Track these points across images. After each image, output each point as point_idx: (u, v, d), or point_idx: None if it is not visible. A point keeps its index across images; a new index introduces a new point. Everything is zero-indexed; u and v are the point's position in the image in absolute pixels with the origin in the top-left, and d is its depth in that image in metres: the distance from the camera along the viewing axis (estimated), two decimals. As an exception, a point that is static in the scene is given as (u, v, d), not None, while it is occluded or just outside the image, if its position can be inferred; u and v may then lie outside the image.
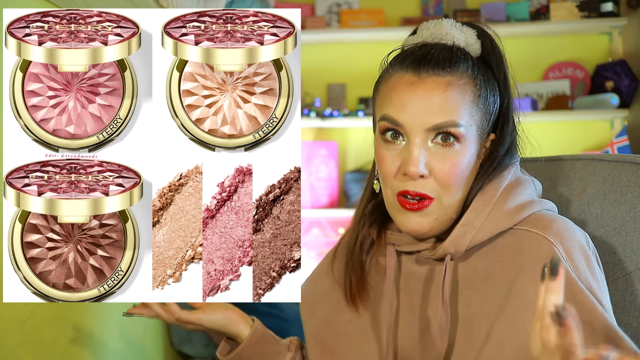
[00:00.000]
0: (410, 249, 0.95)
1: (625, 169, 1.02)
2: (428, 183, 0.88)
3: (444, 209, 0.90)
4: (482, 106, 0.91)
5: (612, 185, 1.02)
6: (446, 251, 0.90)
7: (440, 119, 0.87)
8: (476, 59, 0.93)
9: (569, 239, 0.88)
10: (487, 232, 0.90)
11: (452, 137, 0.88)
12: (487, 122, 0.92)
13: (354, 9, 3.23)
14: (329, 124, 3.17)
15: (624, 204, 1.00)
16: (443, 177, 0.88)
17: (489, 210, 0.90)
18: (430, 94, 0.88)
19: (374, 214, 1.00)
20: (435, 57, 0.90)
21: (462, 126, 0.88)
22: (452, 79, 0.89)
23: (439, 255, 0.91)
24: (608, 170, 1.04)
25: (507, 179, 0.92)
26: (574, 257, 0.87)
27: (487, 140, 0.94)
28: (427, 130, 0.88)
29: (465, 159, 0.89)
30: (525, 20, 3.07)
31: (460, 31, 0.93)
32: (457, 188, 0.90)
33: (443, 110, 0.88)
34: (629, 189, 1.00)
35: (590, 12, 3.03)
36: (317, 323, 1.03)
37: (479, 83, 0.91)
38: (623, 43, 3.09)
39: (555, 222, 0.89)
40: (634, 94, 2.96)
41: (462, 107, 0.88)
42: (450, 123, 0.87)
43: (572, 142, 3.13)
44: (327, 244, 3.19)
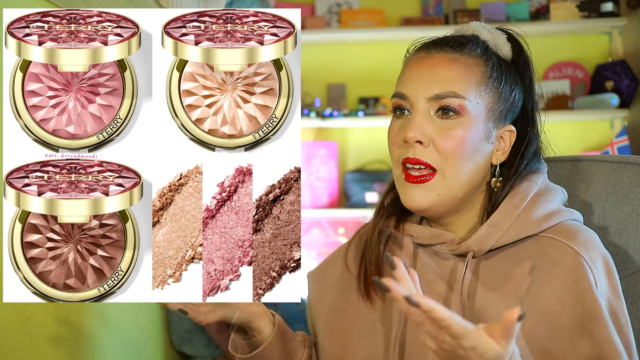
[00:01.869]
0: (428, 241, 0.96)
1: (627, 170, 1.02)
2: (429, 152, 0.91)
3: (447, 185, 0.91)
4: (493, 88, 0.93)
5: (614, 187, 1.02)
6: (469, 248, 0.91)
7: (440, 89, 0.90)
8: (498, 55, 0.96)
9: (594, 250, 0.88)
10: (513, 236, 0.90)
11: (453, 110, 0.90)
12: (504, 109, 0.94)
13: (354, 9, 3.23)
14: (329, 124, 3.17)
15: (627, 205, 1.00)
16: (443, 147, 0.90)
17: (518, 214, 0.90)
18: (436, 67, 0.92)
19: (393, 206, 1.01)
20: (447, 39, 0.95)
21: (465, 99, 0.90)
22: (459, 56, 0.93)
23: (461, 251, 0.92)
24: (610, 171, 1.04)
25: (537, 185, 0.93)
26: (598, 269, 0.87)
27: (503, 128, 0.95)
28: (429, 100, 0.91)
29: (468, 133, 0.90)
30: (525, 20, 3.07)
31: (488, 32, 0.97)
32: (459, 161, 0.90)
33: (445, 81, 0.91)
34: (631, 190, 1.00)
35: (590, 12, 3.03)
36: (326, 309, 1.04)
37: (491, 65, 0.93)
38: (623, 43, 3.09)
39: (581, 232, 0.90)
40: (634, 94, 2.96)
41: (466, 82, 0.91)
42: (451, 94, 0.90)
43: (572, 142, 3.12)
44: (327, 244, 3.19)
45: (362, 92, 3.22)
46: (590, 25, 3.06)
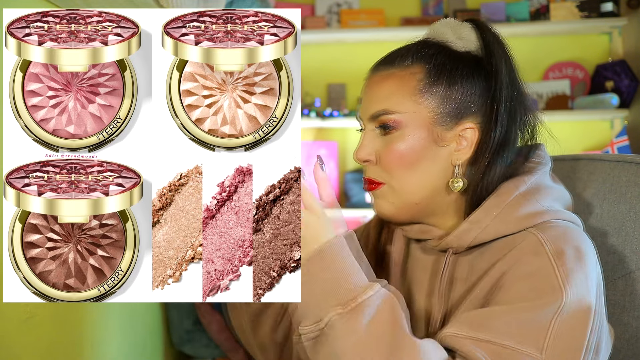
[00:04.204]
0: (417, 236, 0.99)
1: (625, 168, 1.02)
2: (377, 169, 0.95)
3: (396, 194, 0.94)
4: (435, 92, 0.93)
5: (612, 185, 1.03)
6: (449, 244, 0.93)
7: (374, 108, 0.95)
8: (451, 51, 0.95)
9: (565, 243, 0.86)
10: (492, 233, 0.91)
11: (390, 126, 0.94)
12: (455, 108, 0.93)
13: (354, 9, 3.23)
14: (329, 124, 3.17)
15: (624, 203, 1.00)
16: (384, 162, 0.94)
17: (498, 212, 0.91)
18: (372, 87, 0.97)
19: None
20: (391, 54, 0.98)
21: (398, 113, 0.93)
22: (394, 70, 0.95)
23: (442, 247, 0.94)
24: (608, 170, 1.04)
25: (526, 184, 0.92)
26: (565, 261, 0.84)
27: (458, 127, 0.93)
28: (370, 120, 0.96)
29: (405, 145, 0.93)
30: (525, 20, 3.07)
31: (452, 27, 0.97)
32: (403, 172, 0.93)
33: (377, 100, 0.95)
34: (628, 189, 1.00)
35: (590, 12, 3.03)
36: None
37: (428, 70, 0.93)
38: (623, 43, 3.09)
39: (557, 228, 0.88)
40: (634, 94, 2.96)
41: (399, 95, 0.94)
42: (382, 111, 0.94)
43: (572, 142, 3.13)
44: (327, 244, 3.19)
45: (362, 92, 3.22)
46: (590, 25, 3.06)
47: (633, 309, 0.97)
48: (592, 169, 1.06)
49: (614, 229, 1.01)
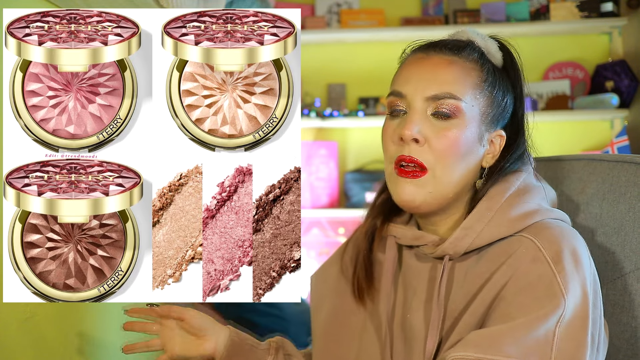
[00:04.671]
0: (410, 243, 0.97)
1: (624, 169, 1.02)
2: (423, 151, 0.91)
3: (438, 184, 0.92)
4: (488, 93, 0.94)
5: (611, 185, 1.02)
6: (445, 252, 0.92)
7: (438, 89, 0.92)
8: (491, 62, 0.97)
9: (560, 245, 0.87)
10: (487, 238, 0.91)
11: (449, 111, 0.91)
12: (496, 113, 0.95)
13: (354, 9, 3.23)
14: (329, 124, 3.17)
15: (623, 203, 1.00)
16: (437, 147, 0.91)
17: (492, 216, 0.91)
18: (434, 68, 0.93)
19: (383, 206, 1.02)
20: (446, 42, 0.96)
21: (461, 101, 0.91)
22: (457, 59, 0.94)
23: (438, 254, 0.93)
24: (607, 170, 1.04)
25: (515, 186, 0.93)
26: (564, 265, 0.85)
27: (494, 132, 0.95)
28: (426, 100, 0.92)
29: (462, 135, 0.91)
30: (525, 20, 3.07)
31: (482, 39, 0.98)
32: (452, 162, 0.91)
33: (443, 83, 0.92)
34: (628, 189, 1.00)
35: (590, 12, 3.03)
36: (324, 316, 1.04)
37: (486, 70, 0.95)
38: (623, 43, 3.09)
39: (551, 229, 0.89)
40: (634, 94, 2.96)
41: (463, 84, 0.92)
42: (448, 95, 0.91)
43: (572, 142, 3.13)
44: (327, 244, 3.19)
45: (362, 92, 3.22)
46: (590, 25, 3.06)
47: (632, 309, 0.97)
48: (591, 169, 1.06)
49: (613, 228, 1.01)
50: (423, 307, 0.94)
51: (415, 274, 0.96)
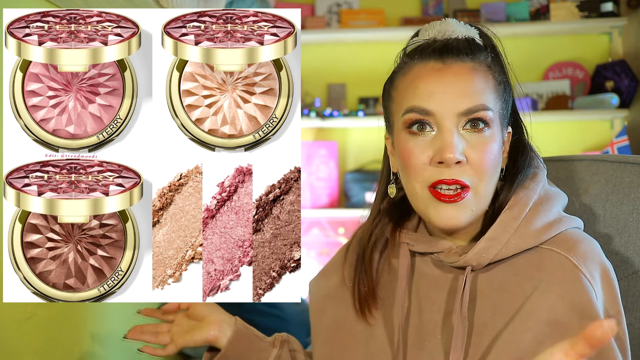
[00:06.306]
0: (424, 249, 0.93)
1: (628, 169, 1.02)
2: (464, 170, 0.86)
3: (479, 200, 0.87)
4: (500, 95, 0.90)
5: (614, 186, 1.02)
6: (468, 263, 0.88)
7: (471, 103, 0.86)
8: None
9: (593, 262, 0.85)
10: (512, 249, 0.87)
11: (482, 122, 0.86)
12: (506, 113, 0.92)
13: (354, 9, 3.23)
14: (329, 124, 3.17)
15: (627, 204, 1.00)
16: (478, 163, 0.86)
17: (517, 226, 0.87)
18: (459, 79, 0.87)
19: (390, 212, 0.98)
20: (456, 45, 0.89)
21: (491, 110, 0.87)
22: (475, 65, 0.88)
23: (460, 264, 0.89)
24: (611, 171, 1.04)
25: (536, 193, 0.90)
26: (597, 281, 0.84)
27: (506, 131, 0.93)
28: (459, 115, 0.86)
29: (496, 145, 0.87)
30: (525, 20, 3.07)
31: (465, 29, 0.92)
32: (490, 176, 0.87)
33: (473, 94, 0.86)
34: (631, 190, 1.00)
35: (590, 12, 3.03)
36: (327, 322, 1.01)
37: (497, 72, 0.90)
38: (623, 43, 3.09)
39: (581, 243, 0.87)
40: (634, 94, 2.96)
41: (487, 91, 0.88)
42: (481, 107, 0.86)
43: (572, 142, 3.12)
44: (327, 244, 3.19)
45: (362, 92, 3.23)
46: (590, 25, 3.06)
47: (635, 310, 0.97)
48: (594, 169, 1.06)
49: (616, 230, 1.01)
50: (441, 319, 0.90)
51: (432, 283, 0.92)
